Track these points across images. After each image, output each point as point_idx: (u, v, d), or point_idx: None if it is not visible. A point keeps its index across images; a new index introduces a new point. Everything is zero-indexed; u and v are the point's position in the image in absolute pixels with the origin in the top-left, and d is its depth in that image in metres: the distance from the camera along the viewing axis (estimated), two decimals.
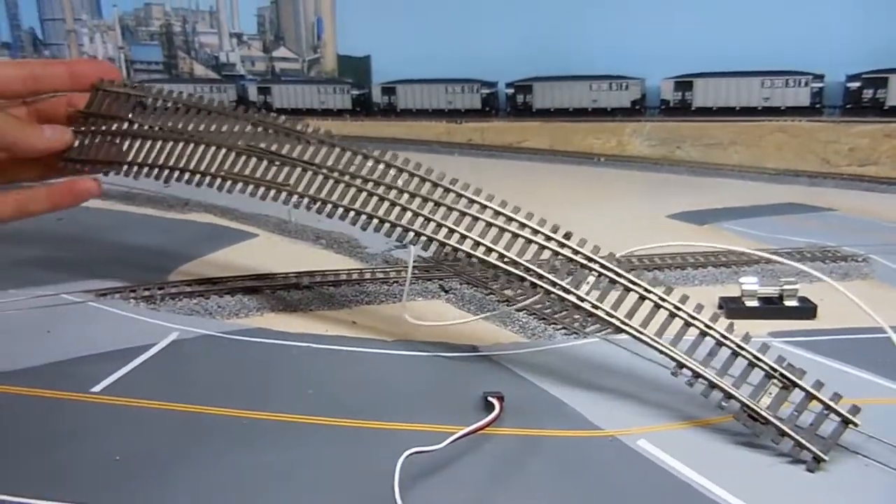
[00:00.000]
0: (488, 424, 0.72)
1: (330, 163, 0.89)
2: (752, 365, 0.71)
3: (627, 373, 0.86)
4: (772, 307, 1.06)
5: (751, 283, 1.07)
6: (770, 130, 2.38)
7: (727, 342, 0.73)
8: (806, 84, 2.42)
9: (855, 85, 2.34)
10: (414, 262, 1.23)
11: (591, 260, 0.80)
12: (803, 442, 0.66)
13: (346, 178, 0.88)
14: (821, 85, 2.41)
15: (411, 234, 0.85)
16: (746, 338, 0.72)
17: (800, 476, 0.65)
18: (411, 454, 0.62)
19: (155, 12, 3.44)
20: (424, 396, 0.81)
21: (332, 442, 0.70)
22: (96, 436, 0.70)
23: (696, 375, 0.73)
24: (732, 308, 1.06)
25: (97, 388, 0.79)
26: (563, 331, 0.98)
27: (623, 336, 0.79)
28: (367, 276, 1.16)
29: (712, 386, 0.72)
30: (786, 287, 1.07)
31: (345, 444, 0.69)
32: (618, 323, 0.77)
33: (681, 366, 0.74)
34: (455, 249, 0.84)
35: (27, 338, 0.95)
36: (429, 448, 0.64)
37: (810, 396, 0.69)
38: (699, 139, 2.47)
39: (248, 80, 3.41)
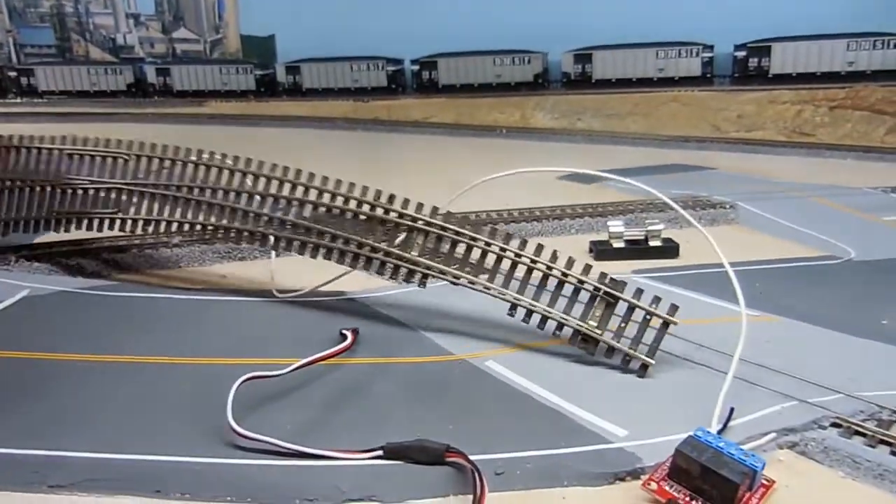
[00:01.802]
0: (335, 354, 0.72)
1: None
2: (577, 289, 0.74)
3: (483, 308, 0.88)
4: (637, 248, 1.10)
5: (617, 226, 1.11)
6: (665, 101, 2.47)
7: (552, 272, 0.75)
8: (697, 54, 2.52)
9: (741, 54, 2.46)
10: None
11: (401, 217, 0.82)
12: (630, 352, 0.70)
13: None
14: (710, 55, 2.52)
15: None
16: (570, 263, 0.75)
17: (631, 381, 0.69)
18: (247, 380, 0.62)
19: None
20: (285, 335, 0.81)
21: (180, 378, 0.69)
22: None
23: (530, 312, 0.75)
24: (601, 250, 1.09)
25: None
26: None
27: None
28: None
29: (545, 318, 0.74)
30: (650, 229, 1.12)
31: (194, 378, 0.69)
32: (437, 273, 0.80)
33: (514, 306, 0.76)
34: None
35: None
36: (267, 374, 0.64)
37: (632, 307, 0.72)
38: (599, 111, 2.54)
39: (147, 63, 3.30)
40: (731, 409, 0.60)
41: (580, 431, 0.59)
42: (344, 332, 0.77)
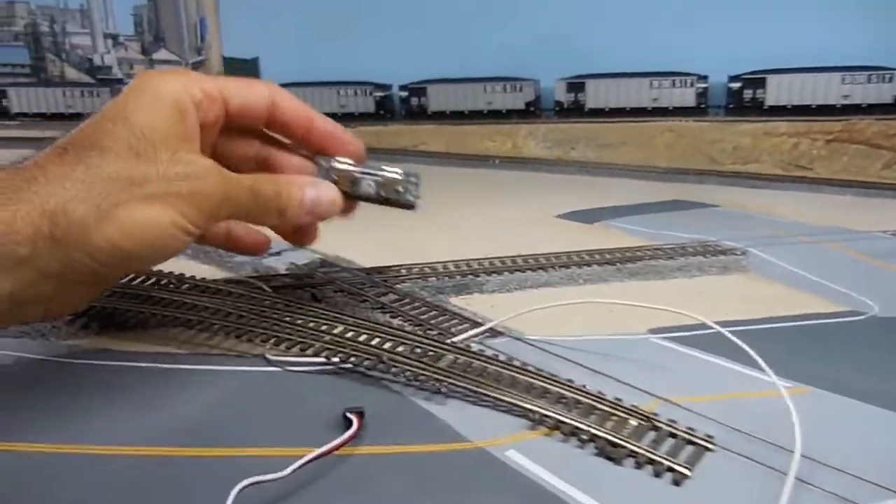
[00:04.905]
0: (342, 445, 0.65)
1: None
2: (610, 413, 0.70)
3: None
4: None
5: None
6: (660, 131, 2.43)
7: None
8: (691, 85, 2.50)
9: (736, 85, 2.43)
10: (286, 269, 1.15)
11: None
12: (665, 463, 0.63)
13: None
14: (705, 85, 2.49)
15: None
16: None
17: (664, 483, 0.62)
18: (245, 487, 0.54)
19: (19, 11, 3.16)
20: (280, 415, 0.73)
21: (158, 476, 0.61)
22: None
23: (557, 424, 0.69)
24: None
25: None
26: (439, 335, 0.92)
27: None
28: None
29: (575, 430, 0.68)
30: None
31: (174, 477, 0.61)
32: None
33: (542, 418, 0.70)
34: None
35: None
36: (267, 477, 0.56)
37: (666, 432, 0.67)
38: (592, 140, 2.50)
39: (125, 84, 3.19)
40: None
41: None
42: (348, 414, 0.69)
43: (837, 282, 1.16)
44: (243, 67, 3.05)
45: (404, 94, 2.92)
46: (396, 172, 0.83)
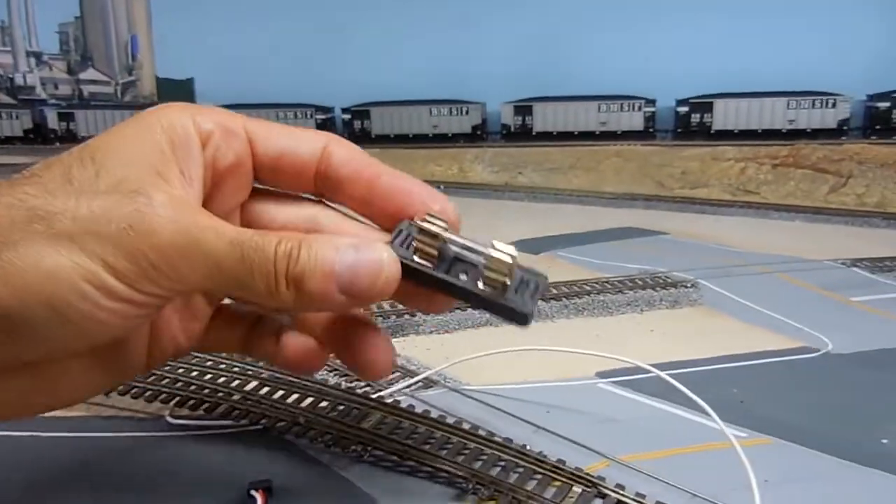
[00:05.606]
0: None
1: None
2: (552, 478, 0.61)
3: None
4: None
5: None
6: (607, 155, 2.40)
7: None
8: (639, 108, 2.48)
9: (683, 110, 2.42)
10: None
11: None
12: None
13: None
14: (653, 110, 2.47)
15: None
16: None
17: None
18: None
19: None
20: (175, 491, 0.62)
21: None
22: None
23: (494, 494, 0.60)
24: None
25: None
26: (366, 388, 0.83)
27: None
28: None
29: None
30: None
31: None
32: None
33: (477, 486, 0.61)
34: None
35: None
36: None
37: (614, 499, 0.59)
38: (540, 164, 2.45)
39: (49, 106, 3.02)
40: None
41: None
42: (252, 492, 0.59)
43: (790, 315, 1.10)
44: (177, 88, 2.92)
45: (347, 116, 2.84)
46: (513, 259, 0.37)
